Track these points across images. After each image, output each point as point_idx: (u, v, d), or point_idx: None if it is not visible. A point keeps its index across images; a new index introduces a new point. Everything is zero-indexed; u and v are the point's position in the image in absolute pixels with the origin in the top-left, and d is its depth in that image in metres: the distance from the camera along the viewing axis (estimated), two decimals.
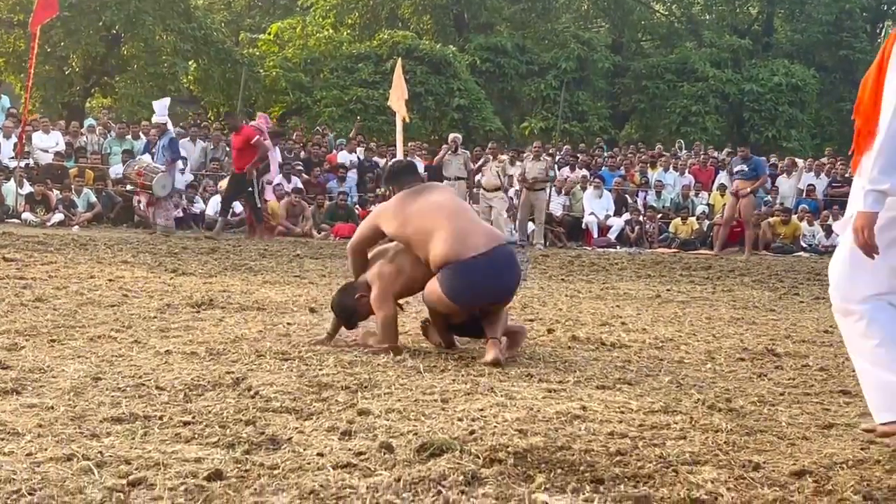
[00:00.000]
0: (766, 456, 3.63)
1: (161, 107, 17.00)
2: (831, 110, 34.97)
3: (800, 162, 23.88)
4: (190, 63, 28.48)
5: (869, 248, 3.70)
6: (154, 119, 17.36)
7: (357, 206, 19.52)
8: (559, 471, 3.28)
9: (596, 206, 20.18)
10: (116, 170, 18.85)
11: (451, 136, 19.76)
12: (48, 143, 19.12)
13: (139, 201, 17.07)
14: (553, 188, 19.92)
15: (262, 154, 16.02)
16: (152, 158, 16.90)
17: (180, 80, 28.80)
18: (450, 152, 18.85)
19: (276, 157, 17.59)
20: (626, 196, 21.32)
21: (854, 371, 5.35)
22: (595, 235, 19.69)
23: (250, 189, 16.06)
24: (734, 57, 34.51)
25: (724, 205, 18.99)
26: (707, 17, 39.53)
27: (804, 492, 3.18)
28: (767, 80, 32.91)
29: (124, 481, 3.00)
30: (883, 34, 26.73)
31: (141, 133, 20.14)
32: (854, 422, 4.34)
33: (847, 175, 22.11)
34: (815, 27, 35.75)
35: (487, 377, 4.99)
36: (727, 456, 3.57)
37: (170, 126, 17.21)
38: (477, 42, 32.63)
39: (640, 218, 20.22)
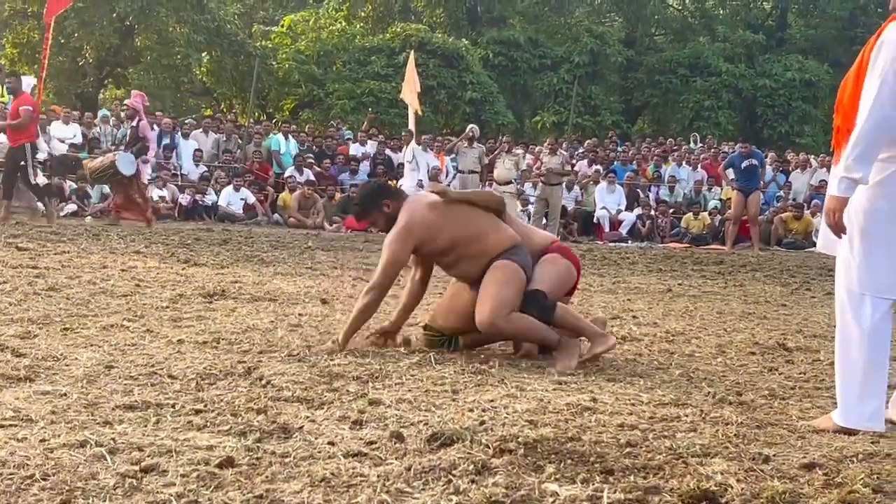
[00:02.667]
0: (776, 449, 3.63)
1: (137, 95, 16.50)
2: None
3: (812, 158, 23.80)
4: (203, 55, 28.53)
5: (837, 229, 4.02)
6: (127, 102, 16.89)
7: None
8: (569, 461, 3.28)
9: (608, 201, 20.14)
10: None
11: (470, 126, 19.54)
12: (66, 133, 19.15)
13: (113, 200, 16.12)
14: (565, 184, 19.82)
15: (24, 123, 14.01)
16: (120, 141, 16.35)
17: (193, 71, 28.90)
18: (466, 145, 18.70)
19: (153, 137, 16.53)
20: (638, 190, 21.29)
21: None
22: (606, 230, 19.66)
23: (23, 164, 14.17)
24: (747, 52, 34.40)
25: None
26: (721, 11, 39.41)
27: (814, 484, 3.18)
28: (781, 75, 32.82)
29: (137, 467, 3.02)
30: None
31: (155, 125, 20.18)
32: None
33: None
34: (829, 23, 35.64)
35: (498, 368, 5.00)
36: (737, 448, 3.57)
37: (141, 112, 16.36)
38: (490, 35, 32.60)
39: (652, 212, 20.19)
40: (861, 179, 3.91)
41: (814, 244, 19.19)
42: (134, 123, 15.08)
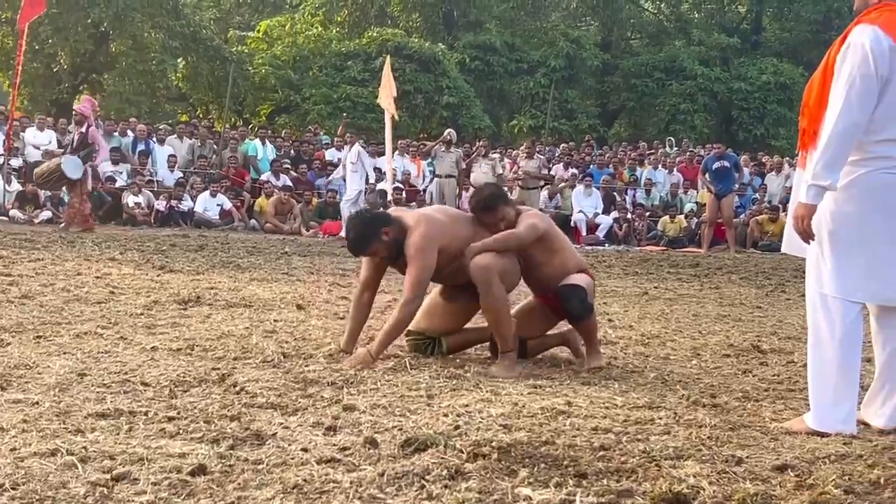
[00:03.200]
0: (749, 451, 3.64)
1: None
2: None
3: (787, 160, 23.91)
4: (178, 60, 28.43)
5: (806, 236, 4.05)
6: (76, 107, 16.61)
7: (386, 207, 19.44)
8: (543, 465, 3.29)
9: (584, 204, 20.18)
10: (104, 167, 18.81)
11: (447, 130, 19.54)
12: (41, 140, 19.02)
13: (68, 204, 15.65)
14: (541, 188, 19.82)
15: None
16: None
17: (168, 77, 28.76)
18: (443, 149, 18.69)
19: (103, 143, 15.96)
20: (615, 194, 21.34)
21: None
22: (584, 233, 19.68)
23: None
24: (723, 55, 34.59)
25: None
26: (696, 15, 39.59)
27: (786, 486, 3.19)
28: (756, 78, 32.98)
29: (108, 476, 3.01)
30: None
31: (129, 130, 20.12)
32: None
33: None
34: (803, 26, 35.85)
35: (473, 373, 5.01)
36: (710, 451, 3.58)
37: (91, 118, 16.02)
38: (466, 40, 32.64)
39: (629, 216, 20.24)
40: (830, 186, 3.93)
41: None
42: (83, 129, 14.90)
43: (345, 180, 18.22)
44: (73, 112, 16.45)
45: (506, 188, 19.15)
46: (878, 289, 4.04)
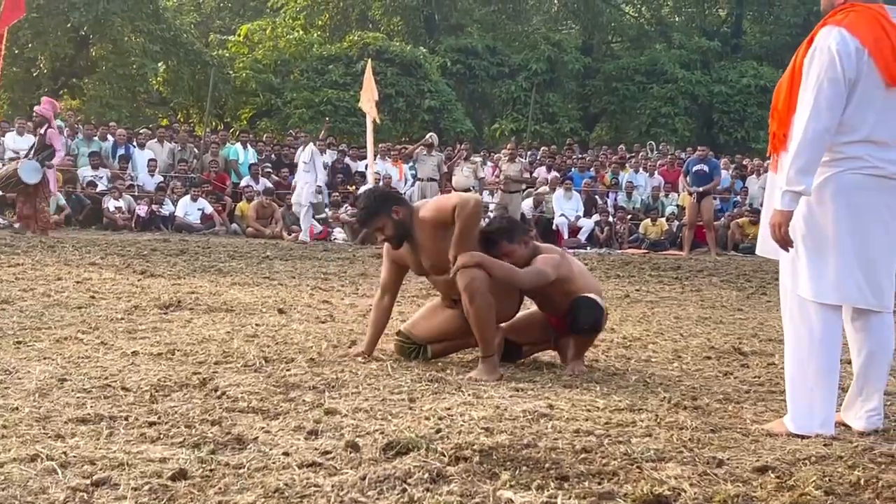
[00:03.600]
0: (730, 452, 3.65)
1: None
2: None
3: (768, 163, 24.00)
4: (159, 64, 28.36)
5: (784, 244, 4.01)
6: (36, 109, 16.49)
7: (328, 207, 19.43)
8: (524, 468, 3.29)
9: (566, 208, 20.20)
10: (84, 172, 18.76)
11: (429, 134, 19.56)
12: (21, 145, 18.88)
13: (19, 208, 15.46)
14: (523, 191, 19.83)
15: None
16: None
17: (149, 81, 28.68)
18: (425, 153, 18.70)
19: (61, 144, 15.74)
20: (597, 197, 21.38)
21: None
22: (565, 236, 19.69)
23: None
24: (703, 59, 34.72)
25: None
26: (676, 19, 39.77)
27: (766, 487, 3.20)
28: (736, 81, 33.14)
29: (88, 481, 2.99)
30: None
31: (109, 135, 20.05)
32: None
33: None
34: (783, 29, 36.02)
35: (455, 376, 5.00)
36: (691, 453, 3.59)
37: (52, 119, 15.86)
38: (447, 43, 32.66)
39: (610, 219, 20.28)
40: (804, 192, 3.93)
41: None
42: (42, 131, 14.79)
43: (320, 190, 18.18)
44: (33, 114, 16.32)
45: (486, 191, 19.28)
46: (850, 291, 4.02)
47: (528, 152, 22.75)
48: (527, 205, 20.08)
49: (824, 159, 3.97)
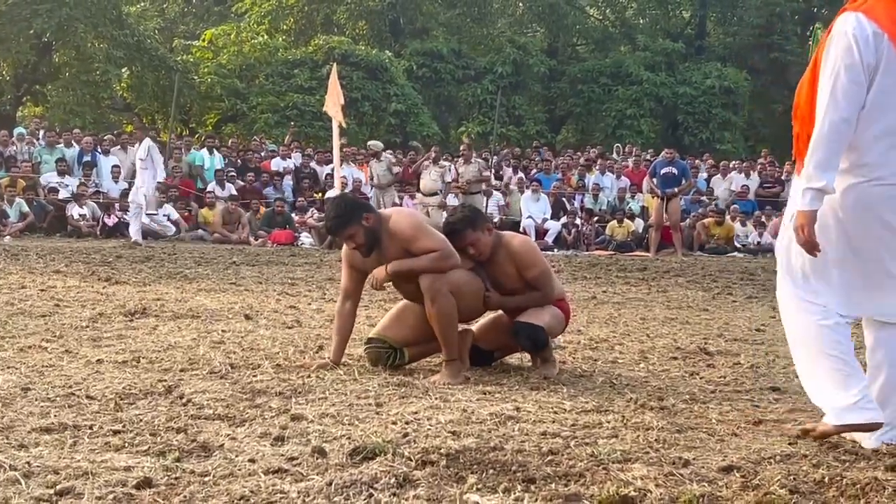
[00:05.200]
0: (696, 452, 3.67)
1: None
2: (763, 112, 35.55)
3: (733, 163, 24.20)
4: (123, 70, 28.16)
5: (811, 246, 3.76)
6: None
7: (295, 212, 19.37)
8: (491, 471, 3.30)
9: (533, 210, 20.25)
10: (48, 178, 18.60)
11: (370, 142, 19.87)
12: None
13: None
14: (485, 190, 19.80)
15: None
16: None
17: (113, 87, 28.48)
18: (374, 160, 19.01)
19: None
20: (564, 199, 21.43)
21: (784, 368, 5.48)
22: (533, 238, 19.73)
23: None
24: (668, 60, 34.86)
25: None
26: (641, 21, 39.90)
27: (732, 487, 3.22)
28: (700, 82, 33.30)
29: (52, 491, 2.98)
30: (812, 37, 27.13)
31: (73, 141, 19.90)
32: (783, 417, 4.42)
33: (778, 176, 22.51)
34: (746, 30, 36.24)
35: (422, 380, 5.00)
36: (657, 453, 3.61)
37: None
38: (413, 47, 32.63)
39: (577, 221, 20.34)
40: (826, 188, 3.70)
41: (736, 249, 19.52)
42: None
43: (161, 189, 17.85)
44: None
45: (451, 194, 19.28)
46: (853, 303, 3.88)
47: (495, 157, 22.72)
48: (493, 207, 20.12)
49: (842, 166, 3.77)
